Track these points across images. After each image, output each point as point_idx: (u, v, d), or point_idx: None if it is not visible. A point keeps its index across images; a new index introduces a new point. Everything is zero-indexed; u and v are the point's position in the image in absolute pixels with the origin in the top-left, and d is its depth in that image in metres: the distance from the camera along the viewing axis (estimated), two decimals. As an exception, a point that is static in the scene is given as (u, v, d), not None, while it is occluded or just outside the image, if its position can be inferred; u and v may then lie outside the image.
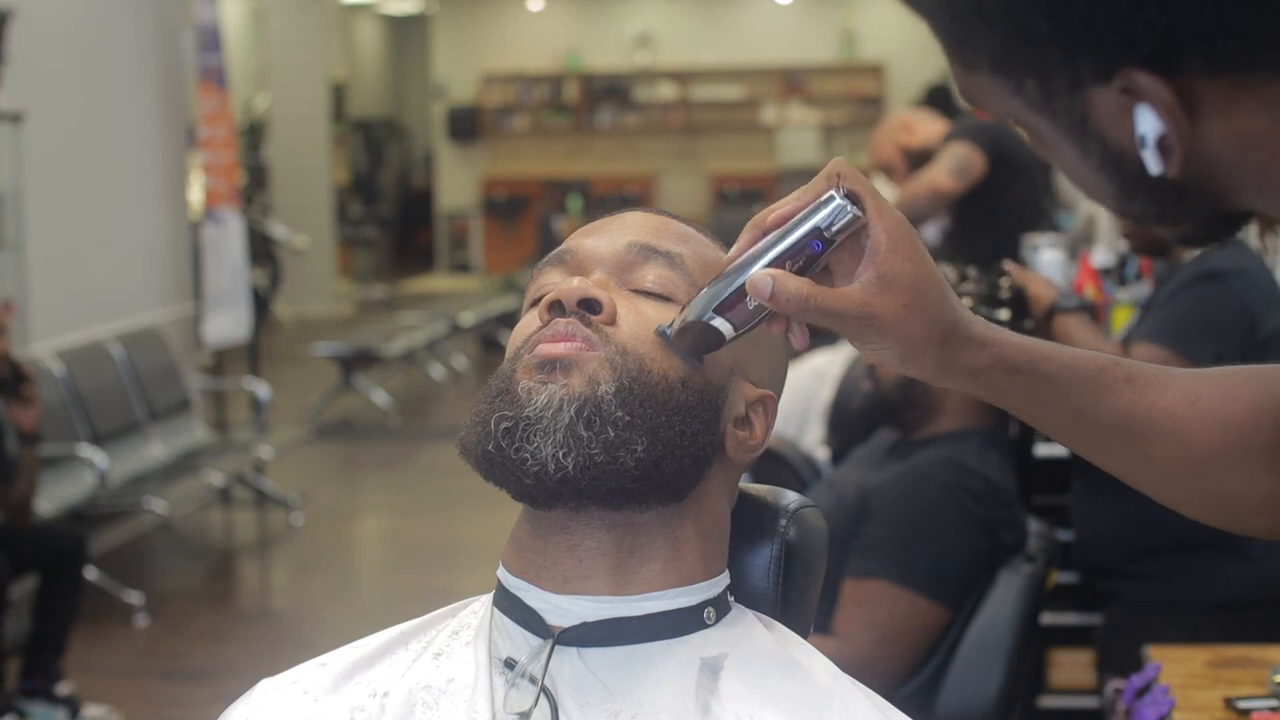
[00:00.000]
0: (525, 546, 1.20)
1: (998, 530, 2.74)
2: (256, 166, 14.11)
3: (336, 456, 8.99)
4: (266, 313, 12.06)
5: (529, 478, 1.13)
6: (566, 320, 1.18)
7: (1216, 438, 1.12)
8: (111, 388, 6.39)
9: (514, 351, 1.20)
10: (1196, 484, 1.14)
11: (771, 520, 1.31)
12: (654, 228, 1.26)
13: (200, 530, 7.13)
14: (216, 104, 7.33)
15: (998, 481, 2.76)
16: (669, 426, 1.15)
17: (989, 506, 2.73)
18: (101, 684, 5.03)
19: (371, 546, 7.38)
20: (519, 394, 1.15)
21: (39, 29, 6.15)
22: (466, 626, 1.23)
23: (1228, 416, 1.12)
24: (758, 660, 1.18)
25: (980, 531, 2.72)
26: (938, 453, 2.79)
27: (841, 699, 1.16)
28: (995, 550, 2.72)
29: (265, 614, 6.05)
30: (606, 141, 16.70)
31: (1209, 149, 0.85)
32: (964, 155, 4.53)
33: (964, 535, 2.70)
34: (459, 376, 11.10)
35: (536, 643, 1.18)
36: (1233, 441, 1.12)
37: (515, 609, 1.20)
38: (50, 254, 6.19)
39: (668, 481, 1.16)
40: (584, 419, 1.13)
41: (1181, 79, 0.82)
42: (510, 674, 1.17)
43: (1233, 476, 1.12)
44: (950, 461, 2.75)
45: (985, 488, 2.73)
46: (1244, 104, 0.83)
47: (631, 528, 1.18)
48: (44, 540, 4.90)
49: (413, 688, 1.18)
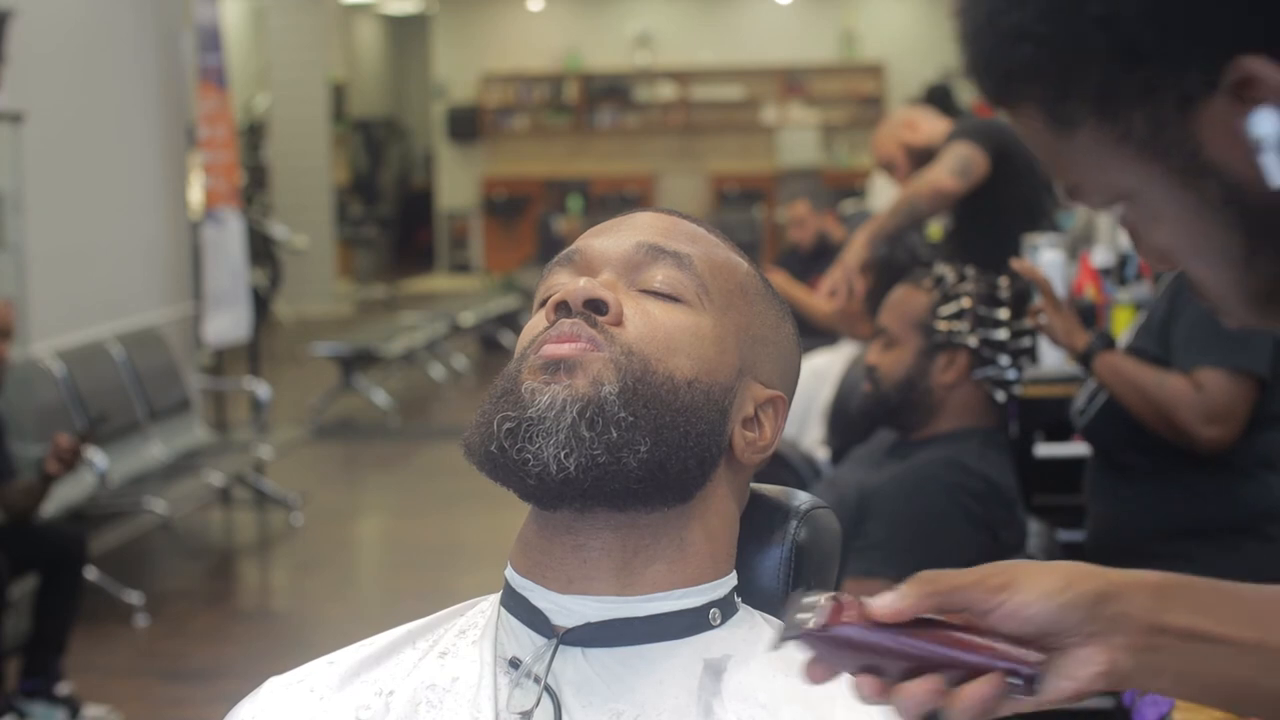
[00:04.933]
0: (531, 547, 1.20)
1: (998, 530, 2.74)
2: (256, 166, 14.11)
3: (336, 456, 8.99)
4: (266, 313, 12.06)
5: (531, 478, 1.13)
6: (572, 321, 1.18)
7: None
8: (111, 388, 6.38)
9: (520, 352, 1.20)
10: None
11: (782, 521, 1.31)
12: (663, 228, 1.26)
13: (200, 530, 7.12)
14: (216, 104, 7.33)
15: (998, 481, 2.76)
16: (673, 427, 1.15)
17: (989, 506, 2.73)
18: (101, 684, 5.02)
19: (371, 546, 7.38)
20: (523, 394, 1.15)
21: (39, 29, 6.15)
22: (473, 626, 1.23)
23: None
24: (762, 662, 1.18)
25: (980, 531, 2.72)
26: (938, 453, 2.79)
27: (845, 701, 1.16)
28: (995, 550, 2.72)
29: (265, 614, 6.05)
30: (606, 141, 16.69)
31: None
32: (967, 155, 4.52)
33: (964, 535, 2.71)
34: (459, 376, 11.10)
35: (541, 643, 1.18)
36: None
37: (521, 609, 1.20)
38: (50, 254, 6.18)
39: (672, 482, 1.16)
40: (587, 420, 1.13)
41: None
42: (514, 673, 1.17)
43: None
44: (950, 461, 2.75)
45: (985, 488, 2.73)
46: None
47: (636, 528, 1.17)
48: (44, 540, 4.90)
49: (418, 686, 1.18)
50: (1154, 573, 0.99)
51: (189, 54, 7.42)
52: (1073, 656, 0.95)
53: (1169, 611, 0.96)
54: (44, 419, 5.65)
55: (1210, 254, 0.81)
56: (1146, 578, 0.98)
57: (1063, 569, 0.97)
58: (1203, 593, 0.98)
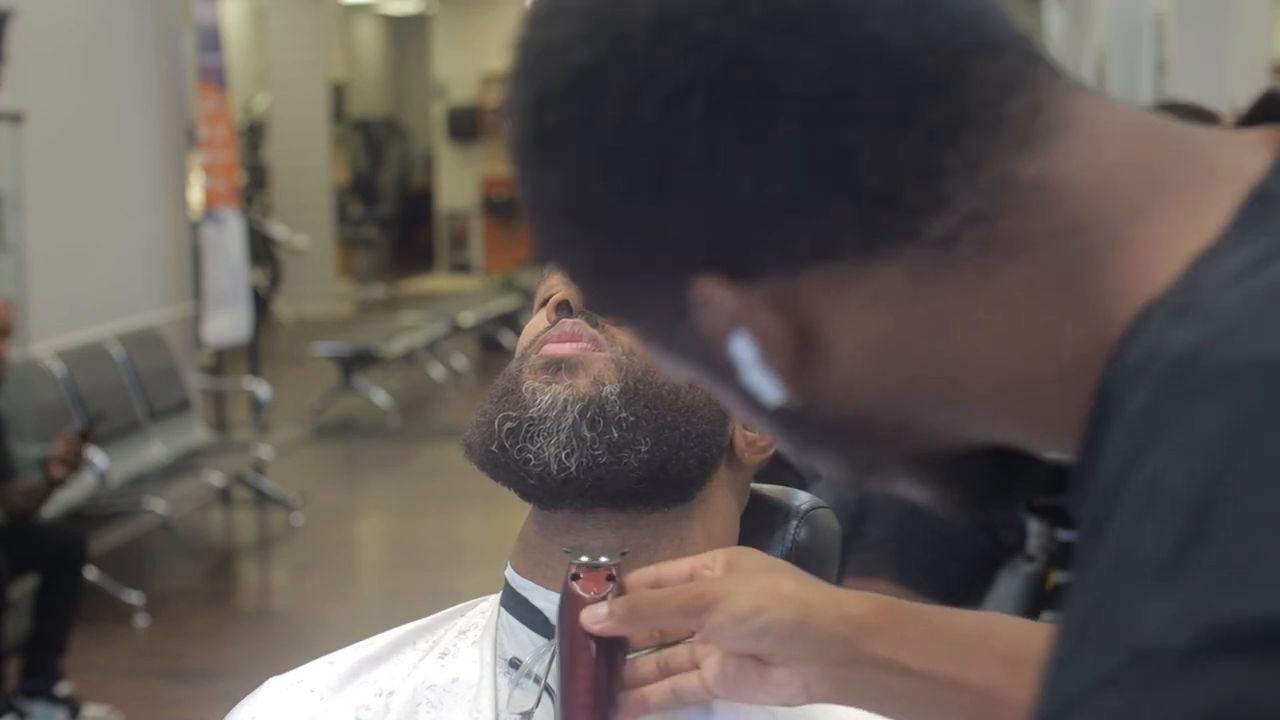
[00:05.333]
0: (532, 547, 1.20)
1: (998, 530, 2.74)
2: (256, 166, 14.12)
3: (336, 456, 8.99)
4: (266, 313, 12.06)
5: (532, 478, 1.13)
6: (573, 321, 1.17)
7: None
8: (111, 388, 6.38)
9: (521, 352, 1.20)
10: None
11: (782, 521, 1.30)
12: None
13: (200, 530, 7.12)
14: (216, 104, 7.33)
15: (999, 482, 2.76)
16: (674, 427, 1.15)
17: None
18: (101, 684, 5.03)
19: (371, 546, 7.38)
20: (524, 394, 1.15)
21: (39, 29, 6.15)
22: (474, 626, 1.23)
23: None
24: (762, 661, 1.18)
25: (980, 531, 2.72)
26: (939, 453, 2.79)
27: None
28: (995, 550, 2.72)
29: (265, 614, 6.05)
30: (606, 141, 16.68)
31: (848, 371, 0.67)
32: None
33: (964, 535, 2.70)
34: (459, 376, 11.10)
35: (541, 643, 1.18)
36: None
37: (522, 609, 1.20)
38: (50, 254, 6.18)
39: (673, 482, 1.16)
40: (588, 419, 1.13)
41: (760, 280, 0.65)
42: (514, 674, 1.17)
43: None
44: (951, 462, 2.75)
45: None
46: (852, 303, 0.65)
47: (637, 528, 1.17)
48: (44, 540, 4.90)
49: (418, 687, 1.18)
50: (864, 597, 1.00)
51: (189, 54, 7.43)
52: (771, 676, 0.99)
53: (867, 641, 0.97)
54: (44, 419, 5.65)
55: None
56: (850, 606, 0.99)
57: (768, 589, 0.99)
58: (907, 624, 0.98)
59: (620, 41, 0.65)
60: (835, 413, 0.69)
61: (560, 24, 0.68)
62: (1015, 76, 0.65)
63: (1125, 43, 9.22)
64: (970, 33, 0.65)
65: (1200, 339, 0.57)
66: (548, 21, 0.69)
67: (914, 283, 0.64)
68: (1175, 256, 0.61)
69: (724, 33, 0.63)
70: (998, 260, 0.64)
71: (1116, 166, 0.64)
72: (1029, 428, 0.68)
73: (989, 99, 0.64)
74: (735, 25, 0.63)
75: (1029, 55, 0.66)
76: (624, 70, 0.65)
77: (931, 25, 0.64)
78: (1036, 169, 0.64)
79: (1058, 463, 0.73)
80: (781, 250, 0.65)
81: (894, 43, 0.63)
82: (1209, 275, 0.60)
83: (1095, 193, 0.64)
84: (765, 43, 0.63)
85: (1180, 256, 0.61)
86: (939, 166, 0.64)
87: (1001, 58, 0.65)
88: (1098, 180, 0.64)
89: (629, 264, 0.69)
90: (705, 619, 0.98)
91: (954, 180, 0.64)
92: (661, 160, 0.65)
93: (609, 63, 0.65)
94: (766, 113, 0.63)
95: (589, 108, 0.66)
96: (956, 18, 0.65)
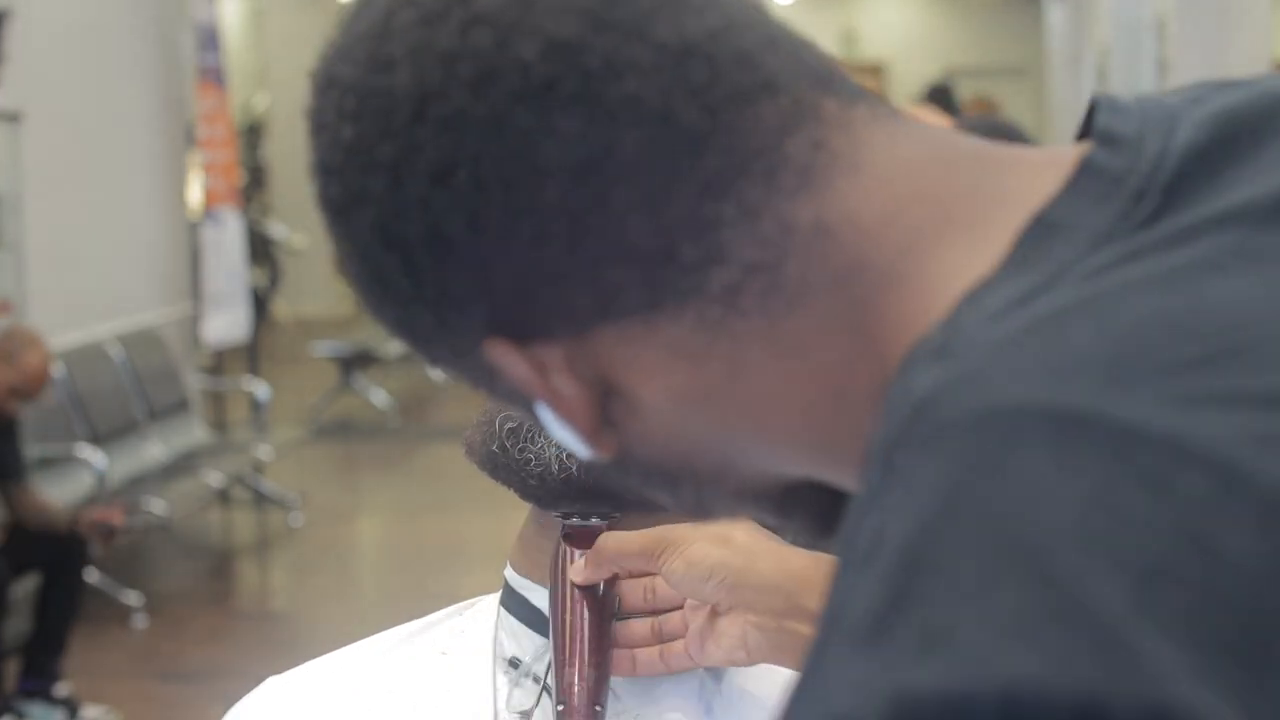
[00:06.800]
0: (531, 546, 1.20)
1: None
2: (256, 166, 14.12)
3: (336, 457, 8.99)
4: (266, 313, 12.07)
5: (533, 478, 1.13)
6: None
7: None
8: (110, 388, 6.39)
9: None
10: None
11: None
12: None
13: (199, 531, 7.12)
14: (215, 103, 7.33)
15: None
16: (675, 426, 1.15)
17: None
18: (100, 684, 5.03)
19: (371, 547, 7.39)
20: (524, 394, 1.15)
21: (39, 29, 6.15)
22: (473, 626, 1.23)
23: None
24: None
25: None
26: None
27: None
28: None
29: (264, 614, 6.06)
30: (606, 142, 16.72)
31: (658, 419, 0.66)
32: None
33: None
34: (458, 376, 11.11)
35: (541, 642, 1.17)
36: None
37: (521, 609, 1.19)
38: (50, 254, 6.19)
39: (674, 481, 1.16)
40: (589, 418, 1.13)
41: (550, 342, 0.65)
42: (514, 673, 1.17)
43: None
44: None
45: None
46: (648, 356, 0.64)
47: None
48: (44, 540, 4.90)
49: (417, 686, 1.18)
50: (808, 554, 1.01)
51: (188, 53, 7.43)
52: (717, 626, 1.03)
53: (806, 595, 0.99)
54: (44, 419, 5.65)
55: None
56: (793, 559, 1.01)
57: (721, 536, 1.02)
58: None
59: (382, 117, 0.64)
60: (655, 457, 0.68)
61: (331, 97, 0.68)
62: (795, 115, 0.62)
63: (1126, 42, 9.23)
64: (741, 75, 0.62)
65: (939, 384, 0.54)
66: (323, 93, 0.69)
67: (705, 333, 0.63)
68: (952, 293, 0.59)
69: (479, 106, 0.62)
70: (783, 307, 0.62)
71: (905, 199, 0.62)
72: (834, 467, 0.67)
73: (764, 145, 0.62)
74: (490, 97, 0.62)
75: (817, 87, 0.64)
76: (388, 147, 0.64)
77: (690, 75, 0.62)
78: (814, 211, 0.62)
79: None
80: (565, 314, 0.64)
81: (651, 99, 0.61)
82: (971, 314, 0.57)
83: (880, 230, 0.61)
84: (520, 113, 0.62)
85: (957, 293, 0.58)
86: (714, 219, 0.62)
87: (778, 97, 0.62)
88: (882, 215, 0.62)
89: (428, 328, 0.68)
90: (663, 561, 1.03)
91: (731, 231, 0.62)
92: (430, 235, 0.64)
93: (374, 139, 0.65)
94: (528, 183, 0.62)
95: (361, 183, 0.66)
96: (720, 64, 0.62)
